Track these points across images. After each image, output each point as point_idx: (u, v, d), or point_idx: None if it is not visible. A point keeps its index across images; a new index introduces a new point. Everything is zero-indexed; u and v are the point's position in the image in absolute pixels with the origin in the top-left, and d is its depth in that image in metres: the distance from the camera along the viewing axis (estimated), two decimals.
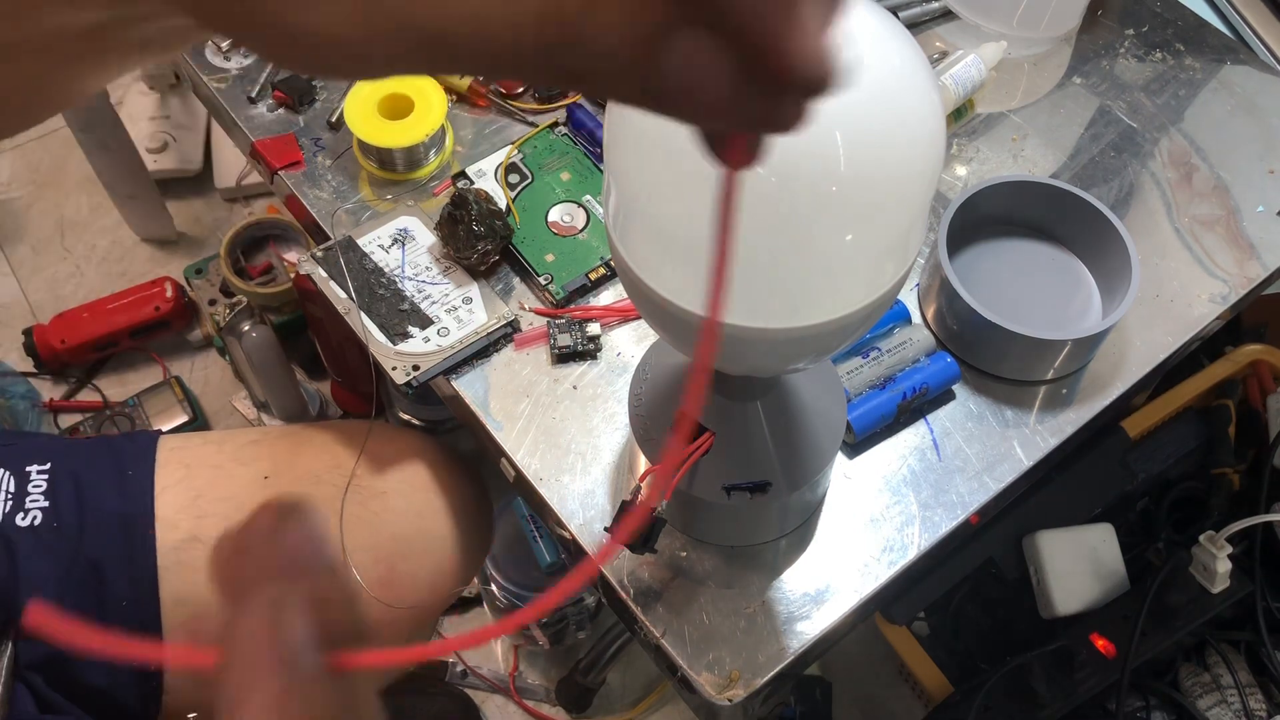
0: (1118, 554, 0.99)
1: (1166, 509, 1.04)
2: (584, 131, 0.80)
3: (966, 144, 0.83)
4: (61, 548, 0.68)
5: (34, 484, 0.70)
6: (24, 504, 0.69)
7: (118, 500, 0.70)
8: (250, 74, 0.83)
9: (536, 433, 0.67)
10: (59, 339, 1.32)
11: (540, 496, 0.65)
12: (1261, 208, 0.79)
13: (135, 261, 1.51)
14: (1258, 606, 0.93)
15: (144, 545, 0.69)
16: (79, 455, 0.72)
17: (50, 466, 0.70)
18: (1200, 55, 0.88)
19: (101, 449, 0.73)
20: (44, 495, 0.69)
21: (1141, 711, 0.94)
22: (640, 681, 1.20)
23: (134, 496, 0.70)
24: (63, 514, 0.68)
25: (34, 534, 0.67)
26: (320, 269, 0.72)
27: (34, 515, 0.68)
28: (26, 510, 0.68)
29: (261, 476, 0.74)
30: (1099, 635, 0.93)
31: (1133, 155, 0.82)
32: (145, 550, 0.69)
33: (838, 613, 0.62)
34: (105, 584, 0.68)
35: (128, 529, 0.69)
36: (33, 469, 0.70)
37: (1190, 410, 1.06)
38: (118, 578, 0.68)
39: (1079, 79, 0.87)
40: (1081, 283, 0.74)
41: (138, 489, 0.71)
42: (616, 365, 0.70)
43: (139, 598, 0.69)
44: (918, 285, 0.74)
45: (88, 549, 0.68)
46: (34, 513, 0.68)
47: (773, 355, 0.46)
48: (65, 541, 0.68)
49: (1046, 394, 0.70)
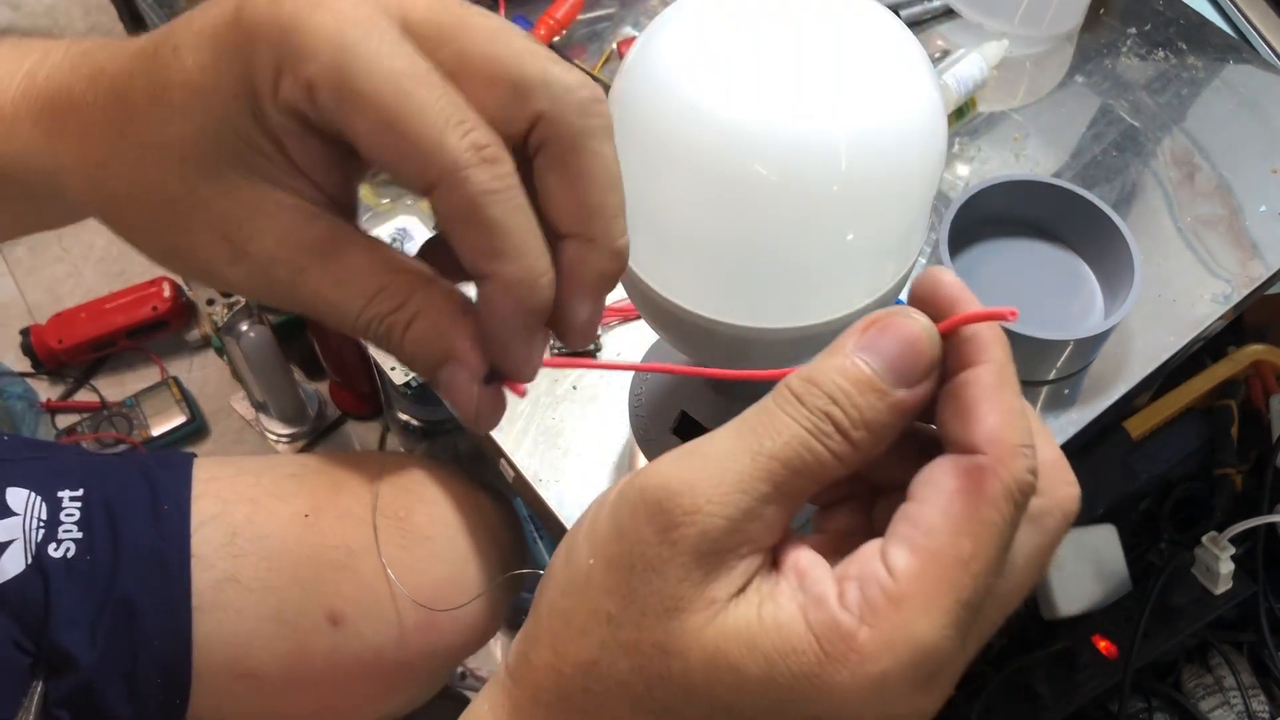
0: (1120, 555, 0.99)
1: (1169, 510, 1.04)
2: None
3: (968, 143, 0.82)
4: (95, 582, 0.65)
5: (66, 512, 0.67)
6: (57, 534, 0.66)
7: (152, 535, 0.67)
8: None
9: (536, 433, 0.67)
10: (56, 339, 1.32)
11: (540, 496, 0.65)
12: (1264, 207, 0.79)
13: (133, 261, 1.50)
14: (1261, 608, 0.93)
15: (179, 584, 0.67)
16: (112, 480, 0.69)
17: (83, 493, 0.68)
18: (1203, 54, 0.88)
19: (135, 474, 0.70)
20: (77, 526, 0.66)
21: (1144, 713, 0.93)
22: None
23: (169, 532, 0.68)
24: (96, 547, 0.66)
25: (67, 566, 0.65)
26: None
27: (67, 547, 0.65)
28: (60, 540, 0.66)
29: (301, 515, 0.71)
30: (1101, 636, 0.92)
31: (1135, 154, 0.82)
32: (180, 589, 0.67)
33: None
34: (137, 621, 0.65)
35: (163, 566, 0.67)
36: (65, 494, 0.67)
37: (1193, 411, 1.06)
38: (151, 616, 0.66)
39: (1081, 78, 0.86)
40: (1083, 283, 0.73)
41: (173, 524, 0.68)
42: None
43: (172, 637, 0.66)
44: None
45: (121, 585, 0.65)
46: (67, 544, 0.65)
47: (773, 355, 0.46)
48: (98, 576, 0.65)
49: (1048, 394, 0.70)
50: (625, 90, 0.41)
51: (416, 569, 0.72)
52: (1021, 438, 0.27)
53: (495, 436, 0.67)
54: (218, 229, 0.30)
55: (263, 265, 0.30)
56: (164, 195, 0.30)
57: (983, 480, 0.26)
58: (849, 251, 0.41)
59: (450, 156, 0.27)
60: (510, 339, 0.30)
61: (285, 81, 0.27)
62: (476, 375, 0.31)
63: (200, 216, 0.30)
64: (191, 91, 0.29)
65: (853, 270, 0.42)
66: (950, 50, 0.83)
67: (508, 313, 0.30)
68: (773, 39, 0.38)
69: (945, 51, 0.84)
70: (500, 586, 0.78)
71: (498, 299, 0.30)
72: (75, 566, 0.65)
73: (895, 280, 0.44)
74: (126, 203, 0.32)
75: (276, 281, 0.30)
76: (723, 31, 0.39)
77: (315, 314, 0.31)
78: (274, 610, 0.69)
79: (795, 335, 0.43)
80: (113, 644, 0.65)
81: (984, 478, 0.27)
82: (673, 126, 0.39)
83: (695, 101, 0.38)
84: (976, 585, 0.26)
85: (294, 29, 0.27)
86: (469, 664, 1.19)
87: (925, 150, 0.40)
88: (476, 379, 0.31)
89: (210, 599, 0.67)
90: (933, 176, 0.41)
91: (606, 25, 0.88)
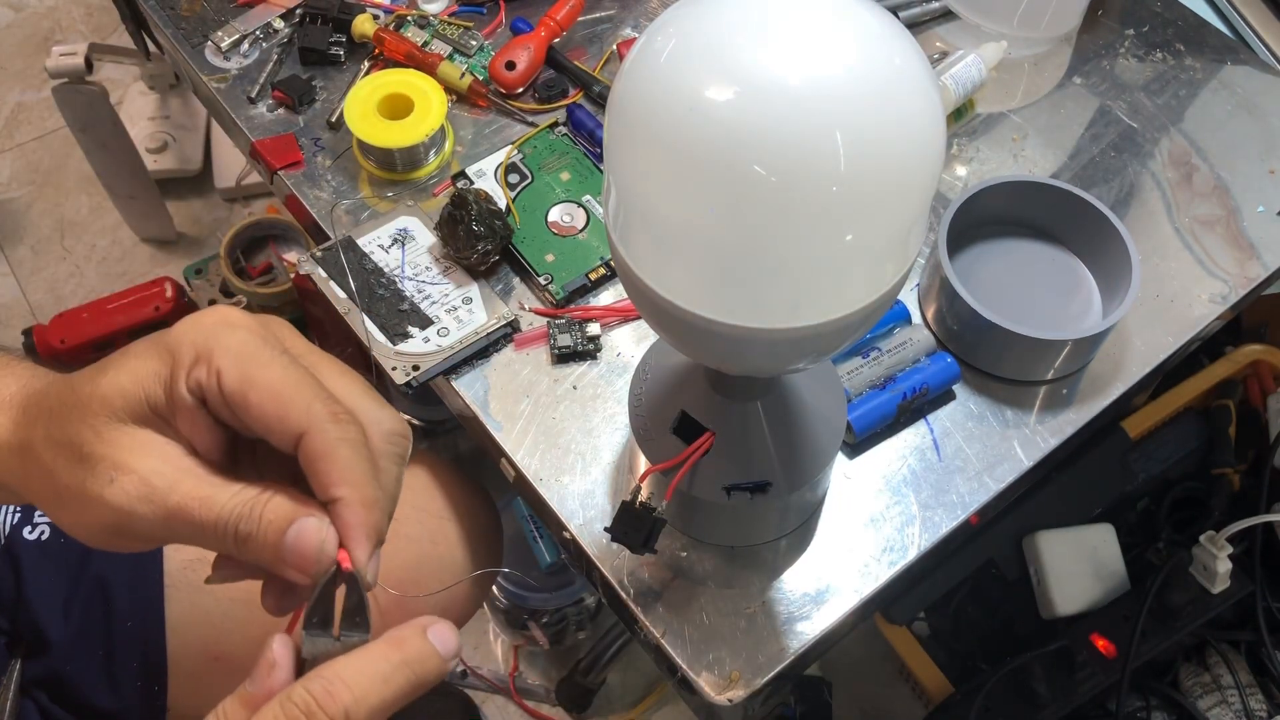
0: (1118, 554, 0.99)
1: (1167, 509, 1.04)
2: (584, 131, 0.80)
3: (967, 144, 0.83)
4: (68, 564, 0.67)
5: None
6: (32, 518, 0.68)
7: None
8: (250, 74, 0.83)
9: (536, 433, 0.67)
10: (59, 339, 1.32)
11: (540, 496, 0.65)
12: (1262, 208, 0.79)
13: (135, 262, 1.51)
14: (1258, 607, 0.93)
15: (152, 564, 0.69)
16: None
17: None
18: (1200, 55, 0.88)
19: None
20: None
21: (1142, 712, 0.94)
22: (640, 681, 1.20)
23: None
24: None
25: (40, 548, 0.67)
26: (320, 269, 0.72)
27: (41, 530, 0.68)
28: (35, 524, 0.68)
29: None
30: (1099, 635, 0.93)
31: (1133, 155, 0.82)
32: (153, 569, 0.69)
33: (838, 613, 0.62)
34: (111, 602, 0.68)
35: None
36: None
37: (1191, 410, 1.06)
38: (124, 596, 0.68)
39: (1079, 79, 0.87)
40: (1082, 283, 0.74)
41: None
42: (616, 365, 0.70)
43: (145, 617, 0.68)
44: (918, 285, 0.74)
45: (95, 566, 0.68)
46: (41, 527, 0.68)
47: (773, 355, 0.46)
48: (72, 558, 0.68)
49: (1047, 394, 0.70)
50: (625, 90, 0.42)
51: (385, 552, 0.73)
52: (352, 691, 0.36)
53: (495, 436, 0.67)
54: (111, 460, 0.39)
55: (144, 477, 0.38)
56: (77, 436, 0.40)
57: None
58: (848, 251, 0.41)
59: (316, 415, 0.38)
60: (354, 548, 0.40)
61: (199, 368, 0.38)
62: (324, 523, 0.39)
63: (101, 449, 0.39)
64: (126, 368, 0.40)
65: (852, 270, 0.42)
66: (949, 52, 0.84)
67: (351, 526, 0.39)
68: (772, 39, 0.39)
69: (944, 53, 0.84)
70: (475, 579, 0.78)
71: (345, 515, 0.39)
72: (48, 548, 0.67)
73: (895, 280, 0.44)
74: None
75: (155, 492, 0.38)
76: (723, 31, 0.39)
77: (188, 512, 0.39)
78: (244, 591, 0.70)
79: (795, 335, 0.43)
80: (87, 622, 0.67)
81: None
82: (673, 126, 0.39)
83: (695, 101, 0.38)
84: None
85: (214, 337, 0.39)
86: (469, 662, 1.19)
87: (924, 151, 0.41)
88: (325, 530, 0.39)
89: (182, 579, 0.69)
90: (932, 177, 0.41)
91: (607, 27, 0.88)
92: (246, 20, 0.86)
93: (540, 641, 1.14)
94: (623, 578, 0.62)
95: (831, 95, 0.38)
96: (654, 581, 0.62)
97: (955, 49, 0.84)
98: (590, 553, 0.63)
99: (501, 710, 1.20)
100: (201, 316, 0.40)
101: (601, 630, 1.15)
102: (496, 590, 1.11)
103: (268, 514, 0.38)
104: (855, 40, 0.39)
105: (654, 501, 0.57)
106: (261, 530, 0.38)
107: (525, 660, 1.21)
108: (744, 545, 0.64)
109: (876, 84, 0.39)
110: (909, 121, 0.40)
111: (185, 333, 0.39)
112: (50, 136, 1.62)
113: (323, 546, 0.39)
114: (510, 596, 1.11)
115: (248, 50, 0.85)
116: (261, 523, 0.38)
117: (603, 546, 0.63)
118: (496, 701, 1.20)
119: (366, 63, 0.84)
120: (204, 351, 0.39)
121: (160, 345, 0.40)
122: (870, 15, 0.40)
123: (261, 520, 0.38)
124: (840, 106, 0.38)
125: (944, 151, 0.42)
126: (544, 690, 1.19)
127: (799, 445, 0.58)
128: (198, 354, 0.39)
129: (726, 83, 0.38)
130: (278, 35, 0.85)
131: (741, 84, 0.38)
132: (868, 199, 0.39)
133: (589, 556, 0.63)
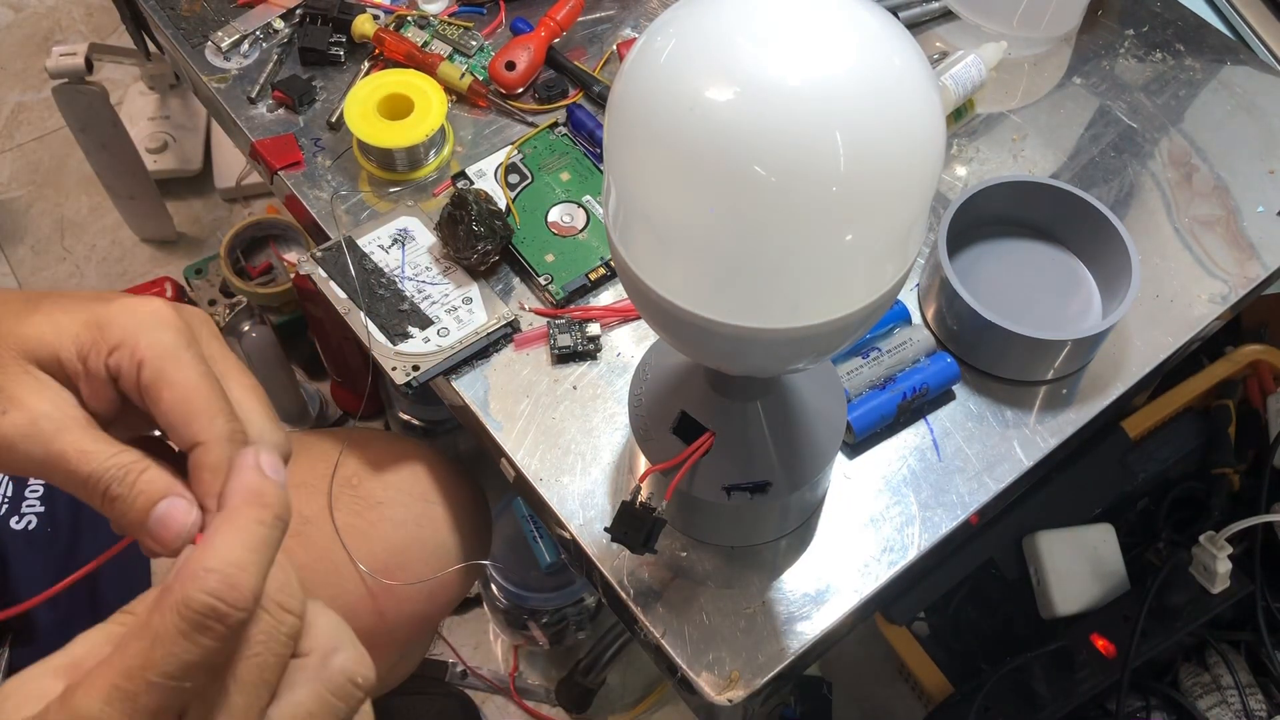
0: (1118, 554, 0.99)
1: (1167, 509, 1.04)
2: (584, 131, 0.80)
3: (966, 144, 0.83)
4: (55, 551, 0.68)
5: (31, 489, 0.70)
6: (20, 508, 0.69)
7: None
8: (250, 74, 0.83)
9: (536, 433, 0.67)
10: None
11: (540, 496, 0.65)
12: (1261, 208, 0.79)
13: (135, 262, 1.51)
14: (1258, 607, 0.93)
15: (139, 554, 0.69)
16: None
17: None
18: (1200, 55, 0.88)
19: None
20: (40, 500, 0.69)
21: (1141, 712, 0.94)
22: (640, 681, 1.20)
23: None
24: (58, 519, 0.69)
25: (27, 537, 0.68)
26: (320, 269, 0.72)
27: (29, 519, 0.69)
28: (22, 514, 0.69)
29: None
30: (1099, 635, 0.93)
31: (1133, 155, 0.82)
32: (140, 558, 0.69)
33: (838, 613, 0.62)
34: (99, 589, 0.68)
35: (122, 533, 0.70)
36: None
37: (1190, 410, 1.07)
38: (111, 583, 0.68)
39: (1079, 79, 0.87)
40: (1081, 283, 0.74)
41: None
42: (616, 365, 0.70)
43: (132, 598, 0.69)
44: (918, 285, 0.74)
45: (82, 553, 0.68)
46: (29, 517, 0.69)
47: (773, 355, 0.46)
48: (59, 545, 0.68)
49: (1046, 394, 0.70)
50: (625, 91, 0.42)
51: (370, 535, 0.73)
52: (212, 563, 0.35)
53: (495, 436, 0.67)
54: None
55: (33, 418, 0.40)
56: None
57: (164, 595, 0.34)
58: (848, 251, 0.41)
59: (217, 431, 0.40)
60: None
61: (121, 352, 0.40)
62: (194, 509, 0.40)
63: None
64: (52, 318, 0.41)
65: (852, 270, 0.42)
66: (949, 52, 0.84)
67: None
68: (772, 39, 0.39)
69: (944, 53, 0.84)
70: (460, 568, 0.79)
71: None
72: (35, 537, 0.68)
73: (895, 280, 0.44)
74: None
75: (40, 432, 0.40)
76: (723, 31, 0.39)
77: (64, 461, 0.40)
78: None
79: (795, 335, 0.44)
80: (74, 610, 0.67)
81: (164, 593, 0.34)
82: (673, 126, 0.39)
83: (695, 101, 0.38)
84: (131, 674, 0.33)
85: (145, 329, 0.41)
86: (470, 663, 1.19)
87: (924, 151, 0.41)
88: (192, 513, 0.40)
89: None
90: (931, 177, 0.41)
91: (607, 27, 0.88)
92: (246, 20, 0.86)
93: (540, 641, 1.14)
94: (623, 578, 0.62)
95: (831, 95, 0.38)
96: (654, 581, 0.62)
97: (955, 49, 0.84)
98: (590, 553, 0.63)
99: (501, 710, 1.20)
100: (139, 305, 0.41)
101: (601, 630, 1.15)
102: (496, 590, 1.11)
103: (140, 483, 0.40)
104: (855, 40, 0.39)
105: (654, 501, 0.57)
106: (131, 496, 0.40)
107: (525, 660, 1.21)
108: (744, 545, 0.64)
109: (876, 84, 0.39)
110: (909, 122, 0.40)
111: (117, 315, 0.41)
112: (50, 136, 1.62)
113: (188, 531, 0.40)
114: (510, 596, 1.11)
115: (248, 50, 0.85)
116: (133, 490, 0.40)
117: (603, 546, 0.63)
118: (496, 701, 1.20)
119: (366, 63, 0.84)
120: (130, 339, 0.40)
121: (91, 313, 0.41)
122: (870, 15, 0.40)
123: (134, 488, 0.40)
124: (840, 107, 0.38)
125: (944, 151, 0.42)
126: (544, 690, 1.19)
127: (799, 445, 0.58)
128: (123, 339, 0.40)
129: (726, 83, 0.38)
130: (278, 35, 0.85)
131: (741, 84, 0.38)
132: (867, 199, 0.39)
133: (589, 556, 0.63)
